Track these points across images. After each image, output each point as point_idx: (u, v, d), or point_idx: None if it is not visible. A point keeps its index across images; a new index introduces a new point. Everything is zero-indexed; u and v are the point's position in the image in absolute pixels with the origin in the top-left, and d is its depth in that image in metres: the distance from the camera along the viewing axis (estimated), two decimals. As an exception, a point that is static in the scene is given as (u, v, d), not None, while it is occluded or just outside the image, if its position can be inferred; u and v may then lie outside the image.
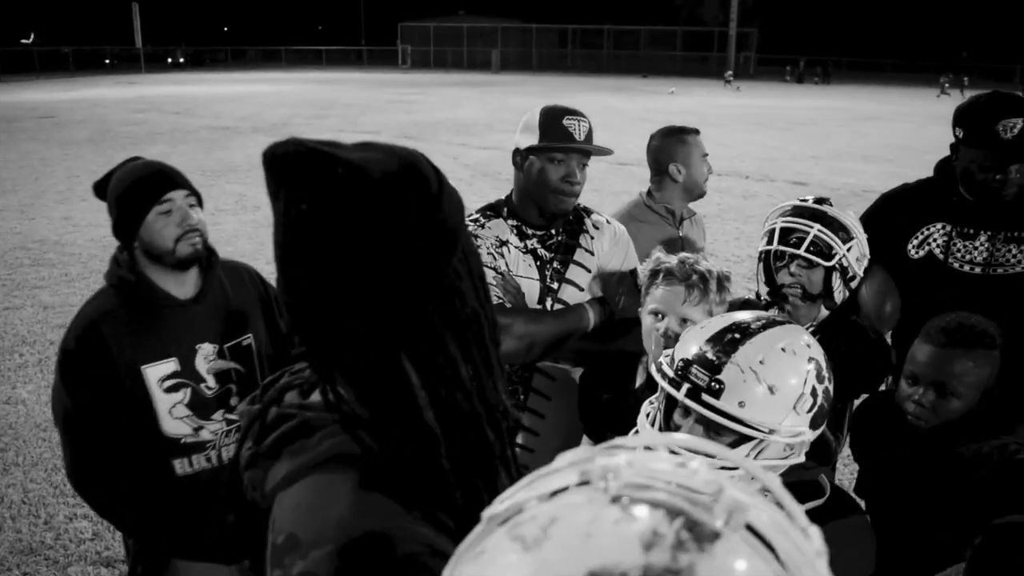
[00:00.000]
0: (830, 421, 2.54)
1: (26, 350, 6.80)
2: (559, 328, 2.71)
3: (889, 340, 3.05)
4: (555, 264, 2.83)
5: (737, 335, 1.59)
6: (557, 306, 2.80)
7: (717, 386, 1.53)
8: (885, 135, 23.72)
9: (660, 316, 2.30)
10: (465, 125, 23.66)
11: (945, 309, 2.62)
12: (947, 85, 43.97)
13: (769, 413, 1.51)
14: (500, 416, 1.14)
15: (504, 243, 2.80)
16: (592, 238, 2.90)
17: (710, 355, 1.57)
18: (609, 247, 2.91)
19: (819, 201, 2.63)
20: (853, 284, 2.60)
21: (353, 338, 1.07)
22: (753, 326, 1.60)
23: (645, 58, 66.31)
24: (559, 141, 2.68)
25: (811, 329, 2.62)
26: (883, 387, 2.85)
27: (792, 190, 14.39)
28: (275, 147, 1.07)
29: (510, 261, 2.78)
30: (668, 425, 1.64)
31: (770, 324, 1.62)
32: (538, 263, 2.81)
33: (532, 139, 2.72)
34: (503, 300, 2.71)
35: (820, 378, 1.55)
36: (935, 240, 3.09)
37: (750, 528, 0.59)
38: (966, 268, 3.04)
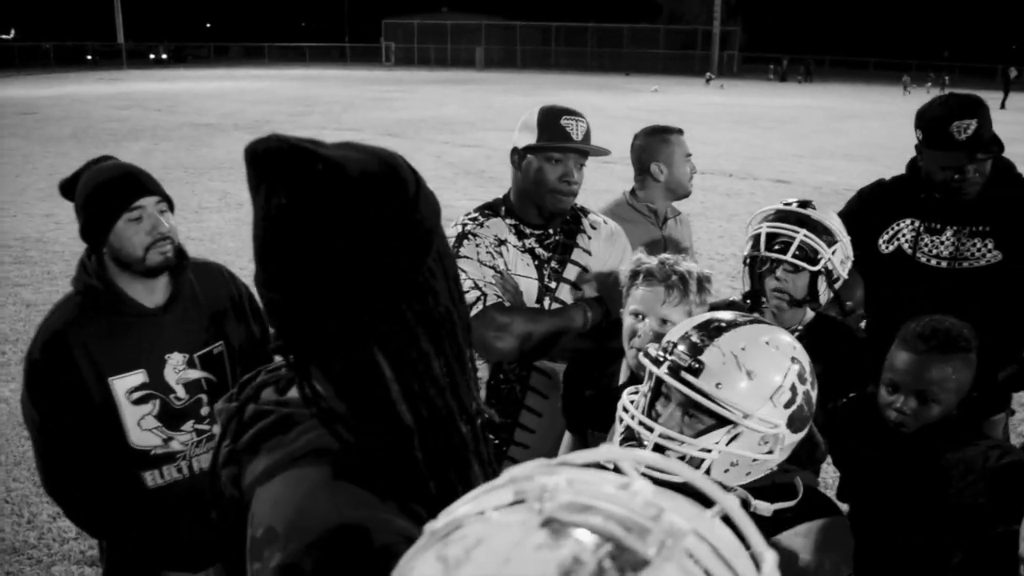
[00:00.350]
0: (821, 423, 2.58)
1: (8, 348, 6.76)
2: (557, 326, 2.74)
3: None
4: (553, 263, 2.85)
5: (723, 324, 1.63)
6: (555, 305, 2.83)
7: (697, 365, 1.57)
8: (867, 133, 23.87)
9: (640, 317, 2.32)
10: (448, 123, 23.63)
11: (913, 303, 2.67)
12: (909, 82, 45.29)
13: (745, 398, 1.54)
14: (473, 411, 1.18)
15: (503, 242, 2.82)
16: (589, 238, 2.93)
17: (694, 338, 1.62)
18: (606, 247, 2.93)
19: (803, 204, 2.66)
20: (837, 285, 2.63)
21: (328, 333, 1.10)
22: (740, 320, 1.64)
23: (628, 56, 66.41)
24: (557, 141, 2.70)
25: (797, 332, 2.65)
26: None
27: (775, 188, 14.48)
28: (257, 143, 1.10)
29: (509, 260, 2.80)
30: (651, 413, 1.67)
31: (757, 322, 1.66)
32: (536, 262, 2.83)
33: (530, 138, 2.74)
34: (502, 299, 2.73)
35: (802, 379, 1.58)
36: (904, 235, 3.17)
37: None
38: (933, 262, 3.11)
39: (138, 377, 2.43)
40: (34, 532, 4.26)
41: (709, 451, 1.53)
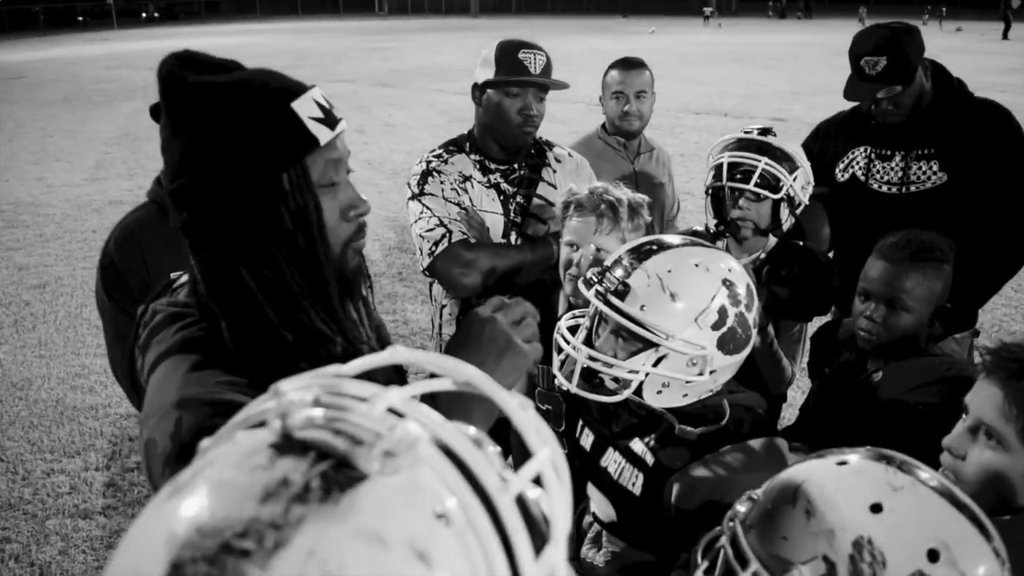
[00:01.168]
0: (784, 348, 2.59)
1: (1, 312, 6.79)
2: (521, 260, 2.73)
3: None
4: (518, 198, 2.84)
5: (655, 247, 1.62)
6: (521, 240, 2.83)
7: (623, 288, 1.57)
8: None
9: (575, 247, 2.32)
10: (442, 71, 23.38)
11: (867, 230, 2.67)
12: (864, 13, 45.38)
13: (668, 319, 1.54)
14: (348, 330, 1.32)
15: (468, 178, 2.81)
16: (554, 171, 2.91)
17: (625, 262, 1.63)
18: (571, 179, 2.91)
19: (763, 132, 2.64)
20: (799, 211, 2.62)
21: (205, 246, 1.26)
22: (675, 243, 1.64)
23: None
24: (515, 74, 2.69)
25: (761, 257, 2.65)
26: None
27: (773, 126, 14.33)
28: (159, 68, 1.26)
29: (474, 196, 2.80)
30: (593, 338, 1.68)
31: (693, 244, 1.65)
32: (501, 197, 2.83)
33: (489, 73, 2.73)
34: (467, 235, 2.73)
35: (735, 302, 1.57)
36: (857, 163, 3.21)
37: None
38: (884, 188, 3.14)
39: None
40: (28, 488, 4.32)
41: (636, 372, 1.54)
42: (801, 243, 2.75)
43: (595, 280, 1.63)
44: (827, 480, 1.03)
